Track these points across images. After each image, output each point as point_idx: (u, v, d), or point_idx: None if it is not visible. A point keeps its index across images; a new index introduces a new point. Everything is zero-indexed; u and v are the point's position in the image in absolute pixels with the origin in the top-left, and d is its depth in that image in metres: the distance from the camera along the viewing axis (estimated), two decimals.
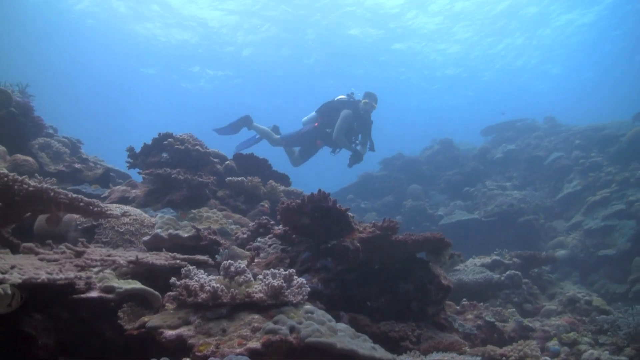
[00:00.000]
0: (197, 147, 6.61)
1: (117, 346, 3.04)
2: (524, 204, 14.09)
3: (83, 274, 2.99)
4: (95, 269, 3.25)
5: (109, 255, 3.36)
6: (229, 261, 3.20)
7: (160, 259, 3.47)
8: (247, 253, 4.46)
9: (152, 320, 2.93)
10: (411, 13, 29.34)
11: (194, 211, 5.40)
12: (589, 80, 41.55)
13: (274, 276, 3.16)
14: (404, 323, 4.26)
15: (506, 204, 13.87)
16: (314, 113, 10.98)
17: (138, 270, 3.62)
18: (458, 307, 6.30)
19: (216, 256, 3.74)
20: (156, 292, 3.22)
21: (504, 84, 40.92)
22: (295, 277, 3.26)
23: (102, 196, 6.33)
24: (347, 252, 4.04)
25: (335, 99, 10.77)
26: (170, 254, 3.66)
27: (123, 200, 6.05)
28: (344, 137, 10.31)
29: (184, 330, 2.80)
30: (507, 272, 7.54)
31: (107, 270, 3.38)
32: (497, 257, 8.41)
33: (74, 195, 3.24)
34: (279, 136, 11.12)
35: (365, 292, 4.45)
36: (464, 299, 6.48)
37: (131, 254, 3.50)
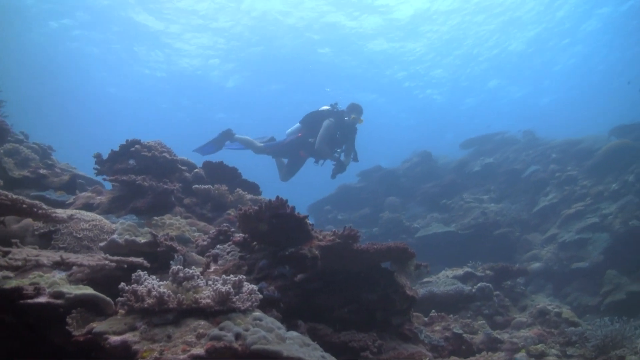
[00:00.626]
0: (164, 154, 6.51)
1: (65, 353, 2.95)
2: (500, 216, 14.12)
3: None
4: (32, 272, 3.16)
5: (36, 256, 3.28)
6: (178, 267, 3.12)
7: (90, 260, 3.39)
8: (206, 260, 4.39)
9: (99, 326, 2.85)
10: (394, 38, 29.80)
11: (156, 218, 5.31)
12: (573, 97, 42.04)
13: (223, 282, 3.09)
14: (366, 333, 4.21)
15: (482, 217, 13.91)
16: (297, 124, 10.86)
17: (95, 276, 3.53)
18: (426, 319, 6.26)
19: (170, 262, 3.66)
20: (107, 298, 3.13)
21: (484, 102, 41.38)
22: (245, 283, 3.18)
23: (66, 202, 6.21)
24: (305, 260, 3.97)
25: (319, 109, 10.65)
26: (105, 256, 3.57)
27: (87, 206, 5.93)
28: (327, 146, 10.17)
29: (129, 336, 2.72)
30: (478, 285, 7.52)
31: (59, 275, 3.30)
32: (469, 269, 8.38)
33: (16, 197, 3.14)
34: (262, 144, 10.95)
35: (328, 301, 4.39)
36: (433, 311, 6.44)
37: (56, 255, 3.42)
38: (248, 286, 3.20)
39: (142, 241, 4.05)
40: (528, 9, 27.93)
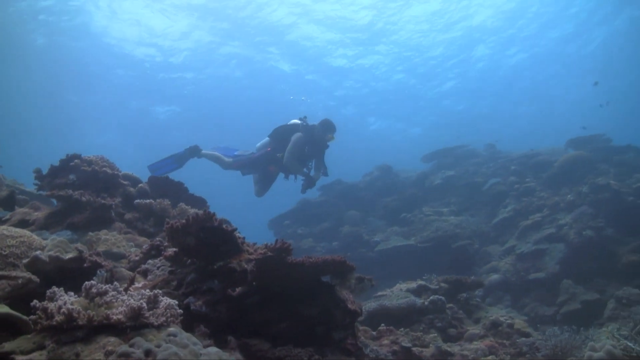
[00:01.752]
0: (105, 168, 6.36)
1: None
2: (459, 229, 14.15)
3: None
4: None
5: None
6: (91, 282, 2.98)
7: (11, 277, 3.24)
8: (136, 275, 4.25)
9: (8, 345, 2.70)
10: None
11: (91, 234, 5.14)
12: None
13: (136, 297, 2.96)
14: (304, 348, 4.09)
15: (442, 230, 13.92)
16: (266, 138, 10.69)
17: (17, 294, 3.38)
18: (374, 332, 6.14)
19: (93, 278, 3.51)
20: (24, 317, 2.97)
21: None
22: (162, 298, 3.05)
23: (3, 219, 6.00)
24: (234, 274, 3.85)
25: (288, 123, 10.53)
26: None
27: (23, 223, 5.73)
28: (296, 161, 10.06)
29: (35, 356, 2.58)
30: (431, 298, 7.43)
31: None
32: (423, 282, 8.30)
33: None
34: (231, 159, 10.71)
35: (266, 316, 4.26)
36: (382, 324, 6.33)
37: None
38: (165, 301, 3.07)
39: (68, 257, 3.90)
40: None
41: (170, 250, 4.15)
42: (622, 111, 37.62)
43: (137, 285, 3.98)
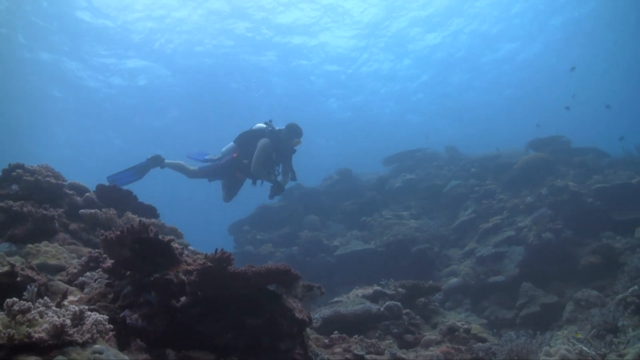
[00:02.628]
0: (48, 178, 6.05)
1: None
2: (419, 232, 14.04)
3: None
4: None
5: None
6: (13, 299, 2.72)
7: None
8: (73, 289, 3.98)
9: None
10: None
11: (31, 246, 4.83)
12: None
13: (59, 314, 2.71)
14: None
15: (401, 234, 13.79)
16: (232, 143, 10.39)
17: None
18: (327, 341, 5.90)
19: (24, 294, 3.24)
20: None
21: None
22: (88, 313, 2.82)
23: None
24: (171, 285, 3.61)
25: (254, 127, 10.22)
26: None
27: None
28: (262, 168, 9.78)
29: None
30: (386, 303, 7.24)
31: None
32: (379, 288, 8.10)
33: None
34: (196, 168, 10.45)
35: (211, 327, 4.03)
36: (336, 332, 6.10)
37: None
38: (93, 317, 2.83)
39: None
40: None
41: (108, 262, 3.89)
42: (581, 113, 38.21)
43: (72, 298, 3.74)
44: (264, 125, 10.15)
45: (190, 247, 6.36)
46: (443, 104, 40.33)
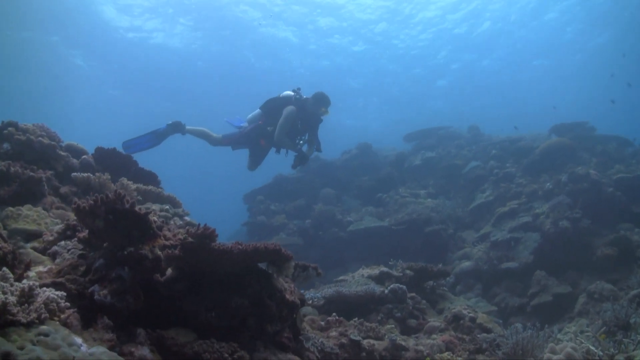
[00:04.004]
0: (41, 138, 5.87)
1: None
2: (434, 213, 13.81)
3: None
4: None
5: None
6: None
7: None
8: (45, 258, 3.80)
9: None
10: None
11: (11, 209, 4.65)
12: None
13: (10, 290, 2.53)
14: (231, 342, 3.69)
15: (416, 213, 13.54)
16: (258, 110, 10.18)
17: None
18: (323, 323, 5.74)
19: None
20: None
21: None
22: (39, 290, 2.63)
23: None
24: (145, 261, 3.42)
25: (281, 95, 10.00)
26: None
27: None
28: (286, 137, 9.57)
29: None
30: (391, 286, 7.03)
31: None
32: (385, 269, 7.89)
33: None
34: (220, 135, 10.22)
35: (194, 305, 3.86)
36: (334, 314, 5.93)
37: None
38: (44, 294, 2.65)
39: None
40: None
41: (85, 232, 3.71)
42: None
43: (41, 269, 3.55)
44: (292, 93, 9.94)
45: (187, 218, 6.20)
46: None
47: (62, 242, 3.94)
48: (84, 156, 6.58)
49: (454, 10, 28.97)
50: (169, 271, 3.90)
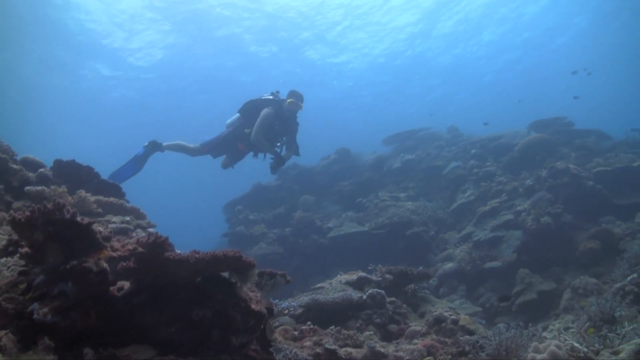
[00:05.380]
0: None
1: None
2: (415, 215, 13.61)
3: None
4: None
5: None
6: None
7: None
8: None
9: None
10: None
11: None
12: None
13: None
14: (196, 357, 3.47)
15: (397, 216, 13.34)
16: (236, 114, 10.07)
17: None
18: (296, 333, 5.49)
19: None
20: None
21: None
22: None
23: None
24: (89, 275, 3.17)
25: (260, 97, 9.92)
26: None
27: None
28: (262, 137, 9.41)
29: None
30: (369, 291, 6.81)
31: None
32: (364, 274, 7.66)
33: None
34: (198, 145, 10.09)
35: (155, 319, 3.61)
36: (309, 323, 5.70)
37: None
38: None
39: None
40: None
41: (27, 247, 3.46)
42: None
43: None
44: (270, 96, 9.89)
45: (151, 230, 5.95)
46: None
47: (3, 259, 3.68)
48: (40, 169, 6.32)
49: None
50: (127, 285, 3.67)
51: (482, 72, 38.02)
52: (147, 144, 9.77)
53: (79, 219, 3.20)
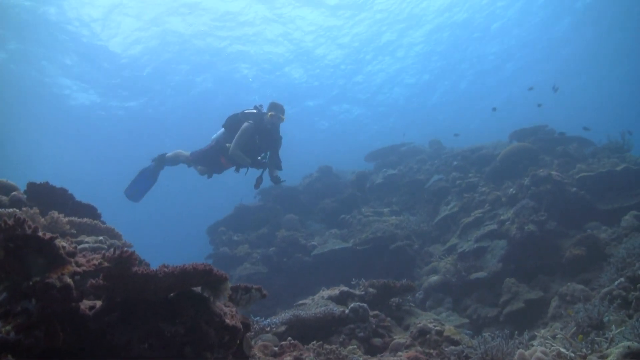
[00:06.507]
0: None
1: None
2: (399, 229, 13.51)
3: None
4: None
5: None
6: None
7: None
8: None
9: None
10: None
11: None
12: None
13: None
14: None
15: (380, 231, 13.23)
16: (221, 128, 10.08)
17: None
18: (276, 348, 5.34)
19: None
20: None
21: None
22: None
23: None
24: (52, 291, 3.04)
25: (242, 111, 9.89)
26: None
27: None
28: (240, 151, 9.36)
29: None
30: (351, 305, 6.68)
31: None
32: (346, 289, 7.54)
33: None
34: (188, 153, 10.35)
35: (125, 337, 3.47)
36: (289, 338, 5.54)
37: None
38: None
39: None
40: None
41: None
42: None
43: None
44: (254, 110, 9.85)
45: (116, 242, 5.82)
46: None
47: None
48: (13, 192, 6.16)
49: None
50: (98, 303, 3.54)
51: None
52: (155, 157, 10.36)
53: (40, 234, 3.07)
